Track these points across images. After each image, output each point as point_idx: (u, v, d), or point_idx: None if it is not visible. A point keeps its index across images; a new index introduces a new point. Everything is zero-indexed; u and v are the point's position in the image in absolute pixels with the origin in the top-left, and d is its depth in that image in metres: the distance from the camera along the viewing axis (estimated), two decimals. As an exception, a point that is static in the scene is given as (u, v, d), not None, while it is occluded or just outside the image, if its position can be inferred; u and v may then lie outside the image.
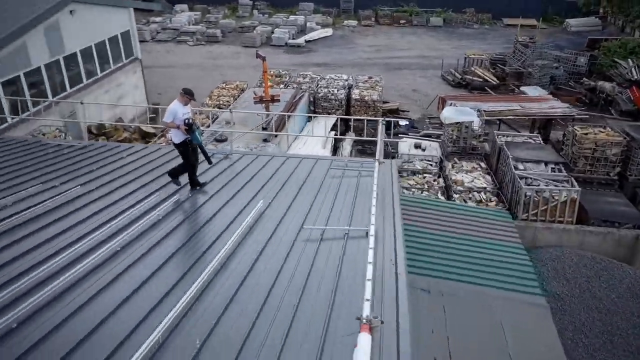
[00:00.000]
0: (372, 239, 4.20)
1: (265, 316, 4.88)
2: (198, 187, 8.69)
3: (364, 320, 2.78)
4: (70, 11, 18.21)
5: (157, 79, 28.35)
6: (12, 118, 15.71)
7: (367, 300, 3.03)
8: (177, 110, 8.12)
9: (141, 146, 12.11)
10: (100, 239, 6.41)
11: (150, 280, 5.45)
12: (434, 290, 9.13)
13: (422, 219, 11.35)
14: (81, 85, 19.52)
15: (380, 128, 9.39)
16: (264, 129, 17.27)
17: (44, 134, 16.12)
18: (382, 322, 2.92)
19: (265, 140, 16.83)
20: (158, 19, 43.48)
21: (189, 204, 8.00)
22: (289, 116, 18.51)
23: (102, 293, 5.17)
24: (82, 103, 14.90)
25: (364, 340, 2.65)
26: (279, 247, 6.48)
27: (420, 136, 20.04)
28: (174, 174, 8.59)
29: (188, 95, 8.23)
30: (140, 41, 37.21)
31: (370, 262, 3.62)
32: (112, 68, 21.61)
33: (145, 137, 19.34)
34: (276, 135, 16.86)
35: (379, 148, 7.98)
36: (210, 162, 9.08)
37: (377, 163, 6.75)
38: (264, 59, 19.44)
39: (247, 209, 7.79)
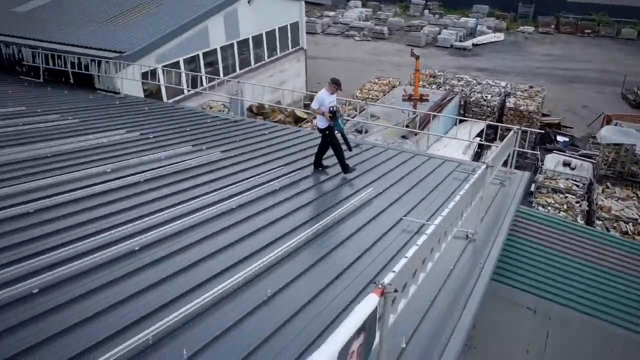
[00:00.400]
0: (431, 228, 4.31)
1: (337, 285, 5.27)
2: (320, 169, 9.31)
3: (379, 285, 3.00)
4: (249, 1, 20.25)
5: (319, 70, 29.98)
6: (189, 90, 18.07)
7: (394, 272, 3.23)
8: (324, 98, 8.67)
9: (283, 127, 13.17)
10: (223, 197, 7.33)
11: (247, 238, 6.16)
12: (541, 311, 8.59)
13: (549, 239, 10.63)
14: (249, 68, 21.62)
15: (512, 136, 9.04)
16: (406, 126, 17.47)
17: (211, 107, 18.31)
18: (395, 290, 3.09)
19: (403, 137, 17.03)
20: (331, 13, 45.67)
21: (306, 181, 8.64)
22: (433, 117, 18.40)
23: (207, 240, 6.02)
24: (239, 82, 16.57)
25: (370, 299, 2.87)
26: (373, 231, 6.79)
27: (579, 155, 18.43)
28: (343, 166, 9.09)
29: (335, 85, 8.72)
30: (312, 33, 39.62)
31: (417, 245, 3.78)
32: (278, 55, 23.50)
33: (298, 121, 20.74)
34: (416, 134, 16.95)
35: (496, 152, 7.75)
36: (350, 149, 9.56)
37: (484, 166, 6.64)
38: (417, 57, 19.58)
39: (357, 193, 8.20)
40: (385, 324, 3.16)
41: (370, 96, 21.31)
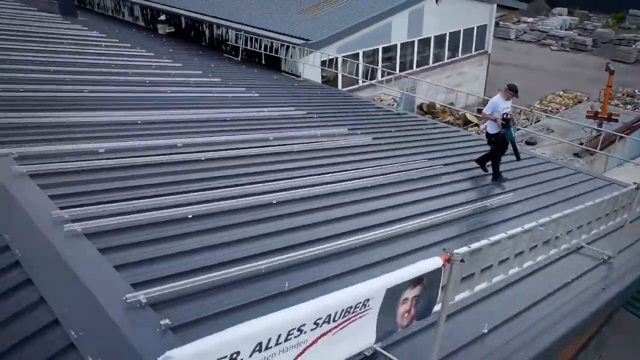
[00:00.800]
0: (531, 224, 4.35)
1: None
2: (499, 179, 9.02)
3: (447, 252, 3.25)
4: (437, 0, 20.44)
5: (502, 76, 28.76)
6: (363, 81, 19.05)
7: (469, 247, 3.45)
8: (498, 104, 8.54)
9: (444, 126, 13.30)
10: (359, 175, 7.95)
11: (367, 214, 6.71)
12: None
13: None
14: (426, 66, 21.85)
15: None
16: (581, 144, 16.14)
17: (381, 100, 19.09)
18: (462, 261, 3.31)
19: (576, 155, 15.77)
20: (530, 19, 43.10)
21: (447, 176, 8.79)
22: (619, 138, 16.64)
23: (334, 208, 6.69)
24: (414, 79, 16.93)
25: (434, 260, 3.14)
26: (498, 232, 6.75)
27: None
28: (481, 160, 9.13)
29: (512, 91, 8.53)
30: (503, 38, 38.05)
31: (506, 233, 3.89)
32: (458, 57, 23.28)
33: (467, 124, 20.47)
34: (592, 154, 15.56)
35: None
36: (518, 158, 9.28)
37: (633, 186, 6.16)
38: (612, 72, 17.85)
39: (496, 196, 8.18)
40: (450, 291, 3.43)
41: (550, 108, 20.00)
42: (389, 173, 8.32)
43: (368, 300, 2.85)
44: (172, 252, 4.97)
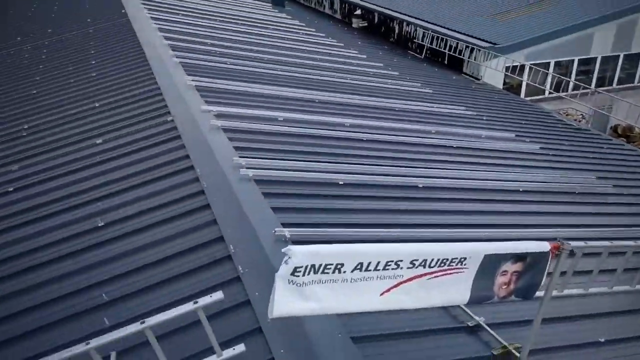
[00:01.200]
0: (669, 238, 4.09)
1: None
2: None
3: (558, 240, 3.33)
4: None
5: None
6: (550, 93, 18.01)
7: (585, 242, 3.48)
8: None
9: (630, 147, 12.13)
10: (516, 179, 7.90)
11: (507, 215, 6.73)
12: None
13: None
14: (630, 85, 19.72)
15: None
16: None
17: (567, 114, 17.87)
18: (571, 252, 3.36)
19: None
20: None
21: (615, 197, 8.25)
22: None
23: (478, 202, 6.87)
24: (613, 97, 15.55)
25: (542, 243, 3.26)
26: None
27: None
28: None
29: None
30: None
31: (634, 242, 3.77)
32: (674, 78, 20.50)
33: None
34: None
35: None
36: None
37: None
38: None
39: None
40: (554, 279, 3.53)
41: None
42: (547, 182, 8.11)
43: (465, 258, 3.18)
44: (319, 207, 5.76)
